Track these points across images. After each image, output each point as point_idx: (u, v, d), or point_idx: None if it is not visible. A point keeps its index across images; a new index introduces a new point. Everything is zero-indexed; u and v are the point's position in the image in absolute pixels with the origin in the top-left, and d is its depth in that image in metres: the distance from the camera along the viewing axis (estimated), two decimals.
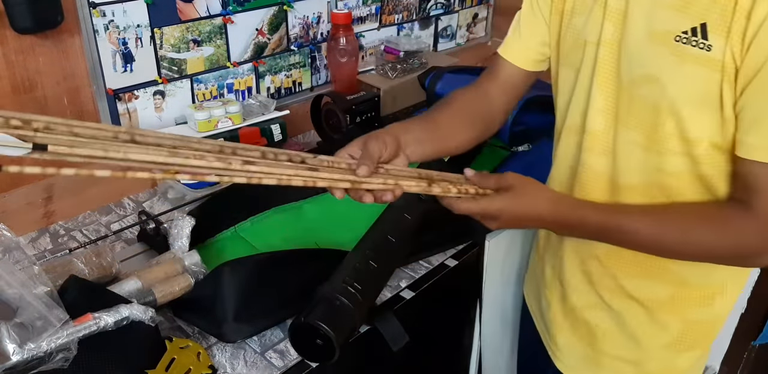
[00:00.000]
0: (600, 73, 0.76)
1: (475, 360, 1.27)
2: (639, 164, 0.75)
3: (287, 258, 0.95)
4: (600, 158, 0.79)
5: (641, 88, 0.71)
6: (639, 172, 0.76)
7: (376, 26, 1.58)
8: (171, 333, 0.87)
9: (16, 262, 0.79)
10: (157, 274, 0.89)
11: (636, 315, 0.85)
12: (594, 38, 0.76)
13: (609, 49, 0.74)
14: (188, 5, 1.20)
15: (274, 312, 0.90)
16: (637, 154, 0.75)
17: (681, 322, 0.84)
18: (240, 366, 0.84)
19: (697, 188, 0.74)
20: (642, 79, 0.71)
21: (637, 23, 0.71)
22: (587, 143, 0.79)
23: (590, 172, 0.81)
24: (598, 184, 0.80)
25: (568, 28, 0.80)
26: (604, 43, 0.75)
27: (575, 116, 0.81)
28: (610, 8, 0.73)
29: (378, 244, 0.92)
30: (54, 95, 1.08)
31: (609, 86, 0.75)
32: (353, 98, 1.38)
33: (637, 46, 0.71)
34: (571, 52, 0.80)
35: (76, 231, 1.12)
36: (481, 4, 1.85)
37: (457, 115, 0.88)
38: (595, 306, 0.88)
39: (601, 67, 0.76)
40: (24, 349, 0.71)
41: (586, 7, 0.77)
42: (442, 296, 1.09)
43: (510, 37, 0.89)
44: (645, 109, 0.72)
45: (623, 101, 0.74)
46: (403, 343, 0.90)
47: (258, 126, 1.26)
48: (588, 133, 0.79)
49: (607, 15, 0.74)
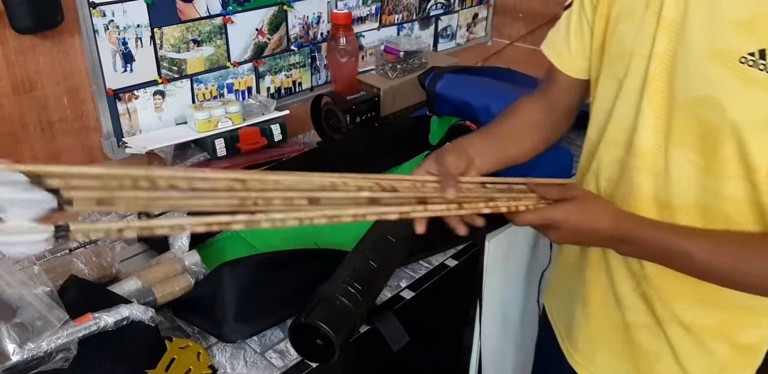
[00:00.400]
0: (651, 89, 0.71)
1: (475, 360, 1.27)
2: (695, 186, 0.71)
3: (287, 258, 0.95)
4: (650, 177, 0.74)
5: (700, 109, 0.67)
6: (694, 193, 0.72)
7: (376, 26, 1.58)
8: (171, 333, 0.87)
9: (16, 262, 0.79)
10: (157, 274, 0.89)
11: (684, 339, 0.81)
12: (644, 50, 0.71)
13: (662, 64, 0.69)
14: (188, 5, 1.20)
15: (274, 312, 0.90)
16: (693, 175, 0.71)
17: (728, 346, 0.80)
18: (240, 366, 0.84)
19: (753, 215, 0.70)
20: (701, 100, 0.66)
21: (695, 38, 0.65)
22: (636, 162, 0.75)
23: (637, 191, 0.76)
24: (644, 203, 0.76)
25: (613, 35, 0.75)
26: (656, 57, 0.69)
27: (618, 129, 0.77)
28: (664, 19, 0.68)
29: (378, 244, 0.92)
30: (54, 95, 1.08)
31: (661, 103, 0.70)
32: (353, 98, 1.38)
33: (696, 63, 0.66)
34: (615, 61, 0.75)
35: None
36: (481, 4, 1.85)
37: (520, 125, 0.88)
38: (647, 326, 0.83)
39: (652, 82, 0.70)
40: (24, 349, 0.71)
41: (634, 15, 0.71)
42: (442, 296, 1.09)
43: (560, 44, 0.84)
44: (703, 130, 0.67)
45: (677, 120, 0.69)
46: (403, 343, 0.90)
47: (258, 126, 1.26)
48: (636, 151, 0.74)
49: (661, 26, 0.68)
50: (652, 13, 0.69)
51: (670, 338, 0.81)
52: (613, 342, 0.87)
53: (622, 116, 0.76)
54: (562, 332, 0.97)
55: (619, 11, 0.74)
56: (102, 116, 1.15)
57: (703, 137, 0.68)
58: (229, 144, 1.22)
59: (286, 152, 1.29)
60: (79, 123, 1.13)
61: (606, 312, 0.87)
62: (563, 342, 0.96)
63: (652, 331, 0.82)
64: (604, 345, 0.89)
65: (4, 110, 1.03)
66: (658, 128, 0.72)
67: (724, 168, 0.68)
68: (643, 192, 0.75)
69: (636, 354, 0.86)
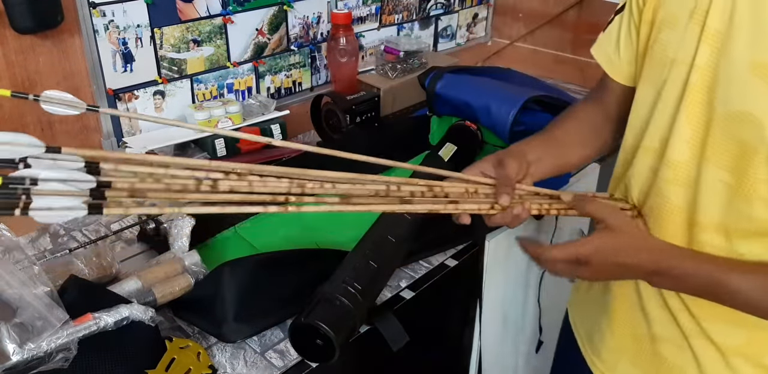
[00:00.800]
0: (690, 101, 0.68)
1: (475, 360, 1.27)
2: (723, 205, 0.68)
3: (287, 258, 0.95)
4: (680, 190, 0.72)
5: (737, 126, 0.64)
6: (721, 213, 0.69)
7: (376, 26, 1.58)
8: (171, 333, 0.87)
9: (16, 262, 0.79)
10: (157, 274, 0.89)
11: (711, 355, 0.78)
12: (686, 60, 0.68)
13: (703, 75, 0.66)
14: (188, 5, 1.20)
15: (274, 312, 0.90)
16: (723, 194, 0.68)
17: (751, 366, 0.77)
18: (240, 366, 0.84)
19: None
20: (739, 117, 0.64)
21: (738, 50, 0.63)
22: (668, 174, 0.72)
23: (668, 204, 0.73)
24: (673, 216, 0.73)
25: (656, 41, 0.72)
26: (697, 68, 0.67)
27: (653, 138, 0.74)
28: (708, 28, 0.65)
29: (378, 244, 0.92)
30: None
31: (698, 116, 0.68)
32: (353, 98, 1.38)
33: (736, 77, 0.63)
34: (655, 68, 0.73)
35: (76, 231, 1.12)
36: (481, 4, 1.85)
37: (576, 130, 0.86)
38: (673, 340, 0.81)
39: (691, 94, 0.68)
40: (24, 349, 0.71)
41: (679, 23, 0.69)
42: (442, 296, 1.09)
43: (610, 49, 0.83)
44: (739, 148, 0.65)
45: (713, 135, 0.67)
46: (403, 343, 0.90)
47: (258, 126, 1.26)
48: (669, 162, 0.72)
49: (705, 36, 0.65)
50: (696, 21, 0.67)
51: (697, 353, 0.78)
52: (636, 353, 0.85)
53: (658, 125, 0.73)
54: (585, 340, 0.95)
55: (664, 17, 0.72)
56: (102, 115, 1.15)
57: (738, 156, 0.65)
58: (229, 144, 1.22)
59: (286, 152, 1.29)
60: (79, 123, 1.13)
61: (631, 323, 0.84)
62: (586, 351, 0.94)
63: (677, 345, 0.80)
64: (626, 356, 0.86)
65: (4, 110, 1.03)
66: (693, 142, 0.69)
67: (756, 189, 0.65)
68: (672, 205, 0.73)
69: (658, 368, 0.83)
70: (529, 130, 1.34)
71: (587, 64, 1.76)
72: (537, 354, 1.50)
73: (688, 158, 0.70)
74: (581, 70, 1.77)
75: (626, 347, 0.86)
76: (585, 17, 1.71)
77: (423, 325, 1.07)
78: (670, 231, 0.74)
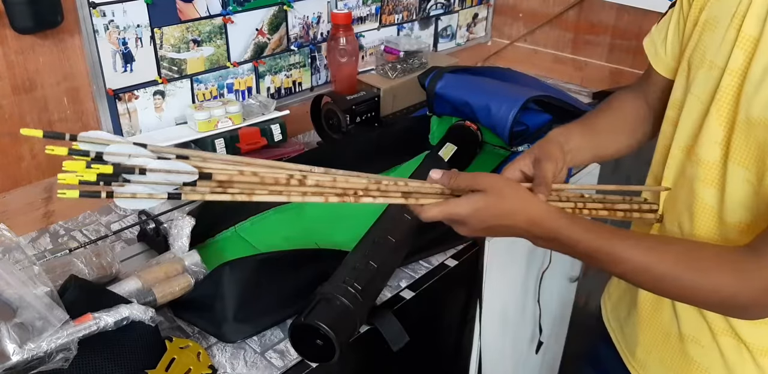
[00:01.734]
0: (720, 103, 0.69)
1: (475, 360, 1.27)
2: (749, 204, 0.69)
3: (287, 258, 0.95)
4: (710, 189, 0.73)
5: (756, 129, 0.65)
6: (747, 212, 0.70)
7: (376, 26, 1.58)
8: (171, 333, 0.87)
9: (16, 262, 0.79)
10: (157, 274, 0.89)
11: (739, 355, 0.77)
12: (720, 63, 0.69)
13: (734, 79, 0.68)
14: (188, 5, 1.20)
15: (274, 312, 0.90)
16: (750, 194, 0.69)
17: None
18: (240, 366, 0.84)
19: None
20: (760, 121, 0.65)
21: (764, 56, 0.64)
22: (699, 173, 0.73)
23: (699, 202, 0.74)
24: (705, 215, 0.74)
25: (698, 42, 0.73)
26: (729, 71, 0.68)
27: (684, 137, 0.76)
28: (743, 34, 0.66)
29: (378, 244, 0.92)
30: (54, 95, 1.08)
31: (727, 118, 0.69)
32: (353, 98, 1.38)
33: (761, 81, 0.64)
34: (693, 68, 0.74)
35: (76, 231, 1.12)
36: (481, 4, 1.85)
37: (617, 120, 0.87)
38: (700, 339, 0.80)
39: (722, 97, 0.69)
40: (24, 349, 0.71)
41: (720, 25, 0.70)
42: (442, 296, 1.09)
43: (659, 42, 0.84)
44: (758, 151, 0.66)
45: (738, 137, 0.68)
46: (403, 343, 0.90)
47: (258, 126, 1.26)
48: (700, 162, 0.73)
49: (740, 41, 0.66)
50: (734, 26, 0.68)
51: (724, 353, 0.78)
52: (665, 352, 0.85)
53: (687, 125, 0.74)
54: (619, 337, 0.95)
55: (707, 19, 0.72)
56: (102, 116, 1.15)
57: (759, 159, 0.66)
58: (229, 144, 1.22)
59: (286, 152, 1.29)
60: (79, 123, 1.13)
61: (661, 321, 0.85)
62: (620, 347, 0.94)
63: (704, 345, 0.80)
64: (655, 354, 0.87)
65: (4, 110, 1.03)
66: (721, 143, 0.70)
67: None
68: (705, 204, 0.74)
69: (685, 368, 0.83)
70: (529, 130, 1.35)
71: (587, 64, 1.76)
72: (537, 354, 1.50)
73: (717, 159, 0.71)
74: (581, 70, 1.77)
75: (656, 345, 0.86)
76: (585, 17, 1.71)
77: (423, 325, 1.07)
78: (704, 230, 0.74)
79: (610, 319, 0.98)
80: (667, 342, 0.84)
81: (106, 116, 1.16)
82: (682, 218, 0.77)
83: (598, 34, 1.70)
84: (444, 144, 1.25)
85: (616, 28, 1.65)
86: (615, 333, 0.96)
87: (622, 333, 0.94)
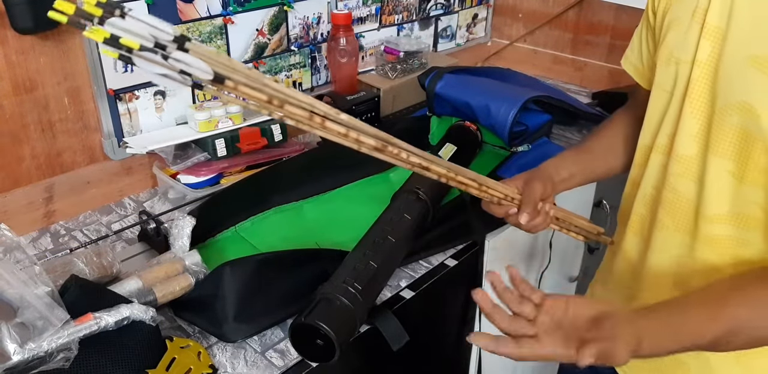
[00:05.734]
0: (692, 96, 0.71)
1: (475, 360, 1.27)
2: (730, 195, 0.70)
3: (287, 258, 0.95)
4: (690, 183, 0.74)
5: (734, 116, 0.67)
6: (728, 202, 0.71)
7: (376, 26, 1.58)
8: (171, 333, 0.87)
9: (17, 262, 0.79)
10: (157, 274, 0.89)
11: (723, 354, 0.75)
12: (688, 57, 0.71)
13: (704, 71, 0.69)
14: (188, 5, 1.20)
15: (275, 312, 0.90)
16: (730, 184, 0.70)
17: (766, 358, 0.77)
18: (240, 366, 0.84)
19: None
20: (738, 107, 0.66)
21: (737, 44, 0.65)
22: (677, 168, 0.75)
23: (680, 199, 0.75)
24: (684, 209, 0.75)
25: (662, 44, 0.76)
26: (698, 64, 0.70)
27: (663, 136, 0.77)
28: (708, 26, 0.68)
29: (378, 244, 0.92)
30: (55, 95, 1.08)
31: (701, 110, 0.71)
32: (353, 98, 1.38)
33: (735, 69, 0.66)
34: (663, 70, 0.76)
35: (77, 231, 1.12)
36: (481, 5, 1.85)
37: (609, 140, 0.90)
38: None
39: (694, 89, 0.71)
40: (25, 349, 0.71)
41: (682, 23, 0.72)
42: (442, 296, 1.09)
43: (634, 57, 0.87)
44: (737, 137, 0.67)
45: (715, 126, 0.69)
46: (403, 343, 0.90)
47: (258, 126, 1.26)
48: (677, 157, 0.74)
49: (705, 33, 0.68)
50: (697, 20, 0.69)
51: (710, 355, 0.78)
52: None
53: (667, 123, 0.76)
54: None
55: (671, 20, 0.74)
56: (103, 116, 1.15)
57: (739, 146, 0.67)
58: (230, 144, 1.22)
59: (286, 152, 1.29)
60: (79, 123, 1.13)
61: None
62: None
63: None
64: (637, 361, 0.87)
65: (4, 110, 1.03)
66: (699, 136, 0.71)
67: (758, 178, 0.67)
68: (684, 198, 0.75)
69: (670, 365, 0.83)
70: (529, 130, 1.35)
71: (587, 65, 1.76)
72: None
73: (695, 152, 0.72)
74: (581, 71, 1.77)
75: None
76: (585, 17, 1.71)
77: (423, 325, 1.07)
78: (682, 224, 0.76)
79: None
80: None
81: (107, 116, 1.16)
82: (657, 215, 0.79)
83: (598, 34, 1.70)
84: (444, 144, 1.25)
85: (616, 28, 1.66)
86: None
87: None
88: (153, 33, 0.53)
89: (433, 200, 1.04)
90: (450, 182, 0.76)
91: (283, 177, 1.19)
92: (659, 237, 0.80)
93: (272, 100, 0.60)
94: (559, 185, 0.86)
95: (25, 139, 1.07)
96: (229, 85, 0.57)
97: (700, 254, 0.75)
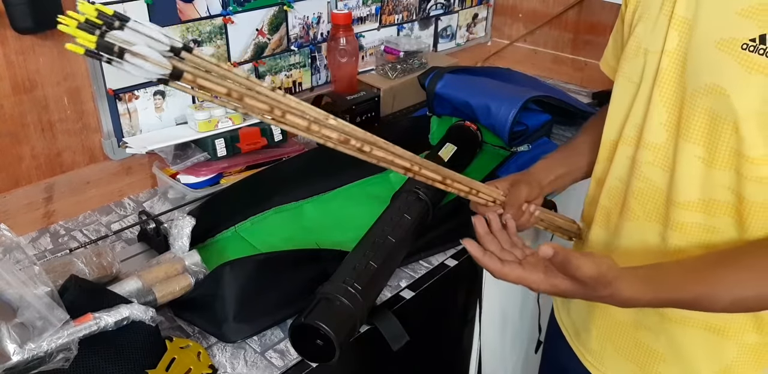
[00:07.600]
0: (662, 84, 0.72)
1: (475, 360, 1.27)
2: (699, 180, 0.71)
3: (287, 258, 0.95)
4: (660, 170, 0.75)
5: (704, 99, 0.68)
6: (698, 188, 0.71)
7: (376, 26, 1.58)
8: (171, 333, 0.87)
9: (17, 262, 0.79)
10: (157, 274, 0.89)
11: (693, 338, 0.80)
12: (656, 47, 0.72)
13: (672, 59, 0.71)
14: (188, 5, 1.20)
15: (274, 312, 0.90)
16: (698, 169, 0.71)
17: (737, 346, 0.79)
18: (240, 366, 0.84)
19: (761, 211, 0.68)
20: (708, 89, 0.67)
21: (704, 32, 0.67)
22: (647, 156, 0.75)
23: (650, 186, 0.76)
24: (655, 197, 0.76)
25: (631, 36, 0.77)
26: (667, 53, 0.71)
27: (631, 128, 0.78)
28: (676, 16, 0.70)
29: (378, 244, 0.92)
30: (54, 94, 1.08)
31: (671, 98, 0.72)
32: (353, 98, 1.38)
33: (703, 55, 0.67)
34: (630, 61, 0.77)
35: (77, 231, 1.12)
36: (481, 4, 1.85)
37: (592, 138, 0.91)
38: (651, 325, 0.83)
39: (663, 78, 0.72)
40: (24, 349, 0.71)
41: (651, 15, 0.73)
42: (442, 296, 1.09)
43: (609, 57, 0.91)
44: (706, 120, 0.68)
45: (685, 112, 0.70)
46: (403, 343, 0.90)
47: (258, 126, 1.26)
48: (647, 145, 0.75)
49: (673, 23, 0.70)
50: (665, 12, 0.71)
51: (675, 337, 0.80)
52: (620, 341, 0.87)
53: (636, 115, 0.77)
54: (571, 332, 0.97)
55: (640, 14, 0.76)
56: (102, 116, 1.15)
57: (709, 129, 0.69)
58: (229, 144, 1.22)
59: (286, 152, 1.29)
60: (79, 123, 1.13)
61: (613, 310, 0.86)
62: (573, 342, 0.96)
63: (655, 331, 0.82)
64: (611, 344, 0.88)
65: (4, 110, 1.03)
66: (668, 123, 0.73)
67: (728, 161, 0.68)
68: (654, 186, 0.76)
69: (640, 354, 0.85)
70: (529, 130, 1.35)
71: (587, 64, 1.76)
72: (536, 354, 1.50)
73: (665, 140, 0.74)
74: (581, 71, 1.77)
75: (610, 335, 0.88)
76: (585, 17, 1.71)
77: (423, 325, 1.07)
78: (653, 212, 0.77)
79: (563, 316, 1.00)
80: (622, 331, 0.86)
81: (107, 116, 1.16)
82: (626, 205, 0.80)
83: (598, 34, 1.70)
84: (444, 144, 1.25)
85: None
86: (568, 331, 0.97)
87: (575, 329, 0.95)
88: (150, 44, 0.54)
89: (433, 200, 1.04)
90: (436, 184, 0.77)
91: (283, 177, 1.19)
92: (629, 227, 0.81)
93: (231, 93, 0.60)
94: (547, 187, 0.89)
95: (24, 139, 1.07)
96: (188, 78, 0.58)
97: (671, 241, 0.76)
